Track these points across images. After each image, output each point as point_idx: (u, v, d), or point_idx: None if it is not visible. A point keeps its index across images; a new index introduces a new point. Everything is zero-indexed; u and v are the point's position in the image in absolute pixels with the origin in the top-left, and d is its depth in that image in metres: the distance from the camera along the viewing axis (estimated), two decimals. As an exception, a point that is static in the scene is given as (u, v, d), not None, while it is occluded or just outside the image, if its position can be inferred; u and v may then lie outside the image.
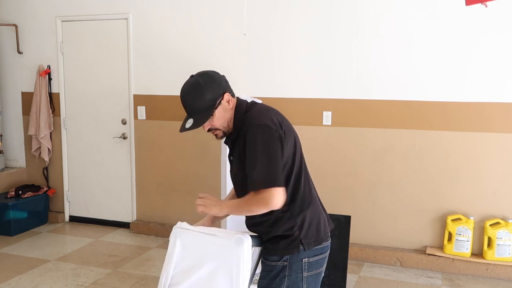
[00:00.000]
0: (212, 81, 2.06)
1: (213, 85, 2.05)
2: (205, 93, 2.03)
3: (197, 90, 2.04)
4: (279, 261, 2.11)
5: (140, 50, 5.21)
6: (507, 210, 4.25)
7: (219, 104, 2.06)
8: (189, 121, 2.07)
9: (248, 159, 2.01)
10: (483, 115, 4.23)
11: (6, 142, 5.87)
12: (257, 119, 2.05)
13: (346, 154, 4.59)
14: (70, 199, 5.78)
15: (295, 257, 2.10)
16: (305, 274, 2.12)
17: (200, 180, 5.10)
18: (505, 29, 4.09)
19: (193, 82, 2.07)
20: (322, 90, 4.63)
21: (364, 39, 4.46)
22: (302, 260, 2.10)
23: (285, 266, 2.10)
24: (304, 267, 2.11)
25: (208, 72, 2.12)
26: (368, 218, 4.59)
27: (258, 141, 1.99)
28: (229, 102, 2.09)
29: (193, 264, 2.08)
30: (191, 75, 2.11)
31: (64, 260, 4.63)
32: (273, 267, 2.12)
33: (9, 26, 5.63)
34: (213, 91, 2.04)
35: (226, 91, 2.08)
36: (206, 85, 2.04)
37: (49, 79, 5.59)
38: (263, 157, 1.97)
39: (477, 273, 4.27)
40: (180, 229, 2.12)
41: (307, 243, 2.10)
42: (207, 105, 2.04)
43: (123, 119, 5.40)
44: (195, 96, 2.04)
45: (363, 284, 4.14)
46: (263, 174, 1.96)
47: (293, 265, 2.10)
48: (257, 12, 4.67)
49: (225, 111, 2.09)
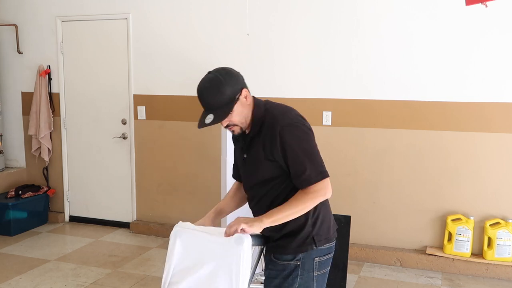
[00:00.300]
0: (231, 76, 2.05)
1: (232, 81, 2.04)
2: (224, 88, 2.01)
3: (217, 86, 2.01)
4: (292, 260, 2.13)
5: (140, 50, 5.21)
6: (507, 210, 4.25)
7: (237, 99, 2.05)
8: (209, 117, 2.03)
9: (293, 158, 2.03)
10: (483, 115, 4.23)
11: (6, 142, 5.87)
12: (288, 118, 2.08)
13: (346, 154, 4.59)
14: (70, 199, 5.78)
15: (307, 256, 2.13)
16: (315, 273, 2.15)
17: (200, 180, 5.10)
18: (505, 29, 4.09)
19: (211, 77, 2.04)
20: (322, 90, 4.63)
21: (364, 39, 4.46)
22: (314, 259, 2.14)
23: (297, 265, 2.12)
24: (315, 266, 2.14)
25: (226, 68, 2.10)
26: (368, 218, 4.59)
27: (300, 139, 2.05)
28: (247, 98, 2.08)
29: (193, 263, 2.08)
30: (209, 72, 2.08)
31: (64, 260, 4.63)
32: (286, 266, 2.13)
33: (9, 26, 5.63)
34: (232, 86, 2.03)
35: (244, 86, 2.08)
36: (226, 80, 2.02)
37: (49, 79, 5.59)
38: (309, 153, 2.04)
39: (477, 273, 4.27)
40: (180, 229, 2.12)
41: (318, 240, 2.13)
42: (226, 100, 2.02)
43: (123, 119, 5.40)
44: (214, 91, 2.01)
45: (363, 284, 4.14)
46: (315, 169, 2.03)
47: (305, 264, 2.13)
48: (257, 12, 4.67)
49: (243, 106, 2.08)
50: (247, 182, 2.24)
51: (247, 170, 2.20)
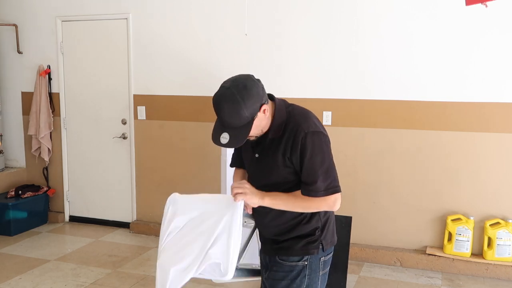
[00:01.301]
0: (250, 96, 1.90)
1: (251, 101, 1.90)
2: (243, 110, 1.88)
3: (234, 108, 1.88)
4: (300, 261, 2.13)
5: (140, 50, 5.21)
6: (507, 210, 4.25)
7: (255, 117, 1.95)
8: (224, 136, 1.94)
9: (309, 167, 2.01)
10: (483, 115, 4.23)
11: (6, 142, 5.87)
12: (312, 125, 2.05)
13: (346, 154, 4.59)
14: (70, 199, 5.78)
15: (314, 256, 2.14)
16: (321, 273, 2.17)
17: (200, 180, 5.10)
18: (505, 29, 4.09)
19: (229, 96, 1.89)
20: (322, 90, 4.63)
21: (364, 39, 4.46)
22: (320, 259, 2.16)
23: (305, 265, 2.13)
24: (321, 265, 2.17)
25: (245, 83, 1.92)
26: (368, 218, 4.59)
27: (321, 151, 2.03)
28: (265, 111, 1.98)
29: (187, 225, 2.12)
30: (226, 86, 1.92)
31: (64, 260, 4.63)
32: (294, 267, 2.13)
33: (9, 26, 5.63)
34: (250, 107, 1.90)
35: (262, 102, 1.95)
36: (245, 103, 1.88)
37: (49, 79, 5.59)
38: (326, 167, 2.03)
39: (477, 273, 4.27)
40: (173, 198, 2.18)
41: (325, 243, 2.16)
42: (244, 122, 1.91)
43: (123, 119, 5.40)
44: (232, 113, 1.89)
45: (363, 284, 4.14)
46: (327, 181, 2.03)
47: (312, 264, 2.14)
48: (257, 12, 4.67)
49: (260, 121, 1.98)
50: (256, 181, 2.14)
51: (258, 169, 2.16)
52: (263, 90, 1.99)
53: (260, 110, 1.95)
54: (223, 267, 1.99)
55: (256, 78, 1.99)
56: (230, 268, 1.99)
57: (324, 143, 2.05)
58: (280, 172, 2.07)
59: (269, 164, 2.08)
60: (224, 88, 1.92)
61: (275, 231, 2.17)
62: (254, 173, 2.19)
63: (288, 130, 2.03)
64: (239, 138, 1.94)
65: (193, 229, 2.10)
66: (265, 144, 2.08)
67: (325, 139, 2.06)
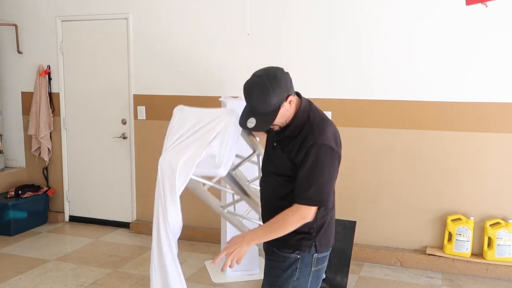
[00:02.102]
0: (279, 85, 2.04)
1: (279, 89, 2.03)
2: (271, 98, 2.02)
3: (264, 94, 2.02)
4: (292, 253, 2.19)
5: (140, 50, 5.21)
6: (507, 210, 4.25)
7: (282, 106, 2.07)
8: (251, 120, 2.08)
9: (305, 174, 2.07)
10: (483, 115, 4.23)
11: (6, 142, 5.86)
12: (324, 138, 2.09)
13: (346, 154, 4.52)
14: (70, 199, 5.78)
15: (307, 252, 2.19)
16: (313, 269, 2.22)
17: (200, 180, 5.09)
18: (505, 29, 4.09)
19: (260, 84, 2.04)
20: (322, 90, 4.63)
21: (364, 40, 4.45)
22: (313, 255, 2.20)
23: (297, 259, 2.19)
24: (313, 262, 2.21)
25: (275, 72, 2.08)
26: (368, 218, 4.58)
27: (321, 162, 2.06)
28: (291, 102, 2.10)
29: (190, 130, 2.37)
30: (257, 75, 2.08)
31: (64, 260, 4.63)
32: (286, 258, 2.20)
33: (9, 26, 5.63)
34: (278, 95, 2.03)
35: (289, 93, 2.08)
36: (274, 90, 2.02)
37: (49, 79, 5.59)
38: (322, 178, 2.07)
39: (477, 273, 4.27)
40: (179, 108, 2.46)
41: (319, 245, 2.20)
42: (271, 109, 2.04)
43: (123, 119, 5.40)
44: (261, 99, 2.03)
45: (363, 284, 4.14)
46: (318, 193, 2.07)
47: (305, 258, 2.19)
48: (259, 12, 4.66)
49: (286, 111, 2.10)
50: (265, 168, 2.29)
51: (270, 158, 2.25)
52: (291, 82, 2.11)
53: (286, 100, 2.07)
54: (218, 160, 2.23)
55: (285, 71, 2.12)
56: (223, 162, 2.23)
57: (329, 157, 2.08)
58: (286, 166, 2.15)
59: (279, 157, 2.18)
60: (256, 77, 2.07)
61: None
62: (267, 160, 2.28)
63: (302, 133, 2.11)
64: (264, 123, 2.07)
65: (195, 133, 2.34)
66: (283, 138, 2.17)
67: (331, 153, 2.09)
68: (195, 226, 5.09)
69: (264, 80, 2.03)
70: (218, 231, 4.61)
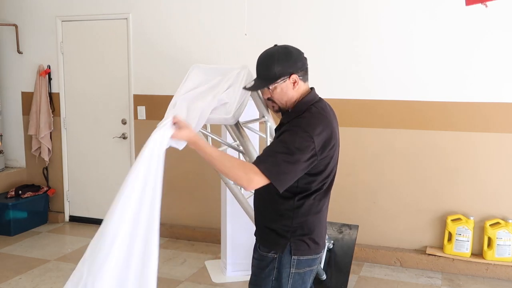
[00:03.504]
0: (287, 58, 2.09)
1: (284, 62, 2.08)
2: (273, 65, 2.07)
3: (269, 60, 2.09)
4: (269, 252, 2.15)
5: (140, 50, 5.21)
6: (507, 210, 4.25)
7: (283, 81, 2.08)
8: (251, 82, 2.17)
9: (277, 142, 2.01)
10: (483, 115, 4.24)
11: (6, 142, 5.87)
12: (310, 124, 2.02)
13: (345, 154, 4.56)
14: (70, 199, 5.78)
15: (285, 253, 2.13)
16: (293, 270, 2.13)
17: (200, 180, 5.09)
18: (505, 29, 4.09)
19: (271, 51, 2.12)
20: (323, 89, 4.55)
21: (364, 39, 4.46)
22: (292, 257, 2.13)
23: (275, 258, 2.14)
24: (292, 263, 2.13)
25: (291, 48, 2.13)
26: (368, 218, 4.58)
27: (294, 141, 1.96)
28: (295, 84, 2.10)
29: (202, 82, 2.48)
30: (275, 45, 2.16)
31: (64, 260, 4.63)
32: (264, 257, 2.16)
33: (9, 26, 5.63)
34: (282, 67, 2.07)
35: (295, 72, 2.09)
36: (278, 60, 2.07)
37: (49, 79, 5.59)
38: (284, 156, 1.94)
39: (477, 273, 4.27)
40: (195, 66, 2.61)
41: (295, 249, 2.12)
42: (271, 76, 2.08)
43: (123, 119, 5.40)
44: (265, 64, 2.11)
45: (363, 284, 4.14)
46: (273, 165, 1.94)
47: (282, 259, 2.13)
48: (258, 12, 4.67)
49: (287, 89, 2.10)
50: None
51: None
52: (303, 66, 2.13)
53: (289, 78, 2.08)
54: (229, 107, 2.29)
55: (304, 56, 2.15)
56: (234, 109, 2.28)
57: (303, 144, 1.96)
58: None
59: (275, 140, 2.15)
60: (273, 46, 2.16)
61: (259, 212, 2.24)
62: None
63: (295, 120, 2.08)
64: (259, 85, 2.14)
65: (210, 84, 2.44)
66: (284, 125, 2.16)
67: (306, 144, 1.96)
68: (195, 226, 5.09)
69: (276, 49, 2.11)
70: (218, 231, 4.61)
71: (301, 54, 2.15)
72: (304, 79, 2.14)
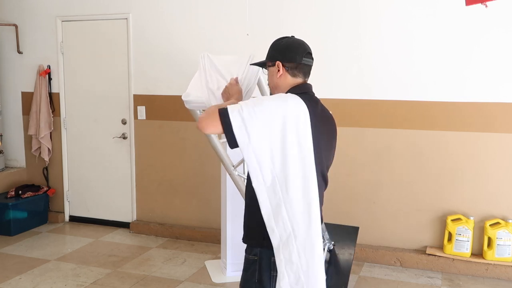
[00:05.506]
0: (281, 48, 2.22)
1: (277, 48, 2.23)
2: (272, 49, 2.26)
3: (272, 45, 2.28)
4: (250, 254, 2.17)
5: (140, 50, 5.21)
6: (507, 210, 4.25)
7: (271, 65, 2.22)
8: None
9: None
10: (484, 115, 4.23)
11: (6, 142, 5.87)
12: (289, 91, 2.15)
13: (346, 154, 4.59)
14: (70, 199, 5.78)
15: (264, 254, 2.12)
16: (273, 273, 2.11)
17: (200, 180, 5.10)
18: (505, 29, 4.09)
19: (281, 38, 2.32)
20: (323, 89, 4.59)
21: (364, 39, 4.46)
22: (271, 258, 2.10)
23: (255, 260, 2.15)
24: (272, 266, 2.11)
25: (297, 40, 2.27)
26: (368, 218, 4.58)
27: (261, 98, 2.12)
28: (278, 72, 2.19)
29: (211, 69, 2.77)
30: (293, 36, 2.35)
31: (64, 260, 4.63)
32: (246, 259, 2.20)
33: (9, 26, 5.63)
34: (272, 52, 2.24)
35: (281, 61, 2.18)
36: (274, 46, 2.26)
37: (49, 79, 5.59)
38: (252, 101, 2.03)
39: (477, 273, 4.27)
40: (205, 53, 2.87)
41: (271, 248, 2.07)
42: (267, 58, 2.25)
43: (123, 119, 5.40)
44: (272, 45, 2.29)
45: (363, 284, 4.14)
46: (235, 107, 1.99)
47: (262, 261, 2.13)
48: (259, 12, 4.67)
49: (272, 75, 2.23)
50: None
51: None
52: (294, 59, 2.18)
53: (275, 64, 2.20)
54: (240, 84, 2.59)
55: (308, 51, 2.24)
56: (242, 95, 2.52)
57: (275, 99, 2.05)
58: None
59: None
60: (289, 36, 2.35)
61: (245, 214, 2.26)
62: None
63: None
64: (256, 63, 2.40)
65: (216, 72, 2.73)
66: None
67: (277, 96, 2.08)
68: (195, 226, 5.09)
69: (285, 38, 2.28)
70: (218, 231, 4.61)
71: (300, 49, 2.21)
72: (292, 73, 2.18)
